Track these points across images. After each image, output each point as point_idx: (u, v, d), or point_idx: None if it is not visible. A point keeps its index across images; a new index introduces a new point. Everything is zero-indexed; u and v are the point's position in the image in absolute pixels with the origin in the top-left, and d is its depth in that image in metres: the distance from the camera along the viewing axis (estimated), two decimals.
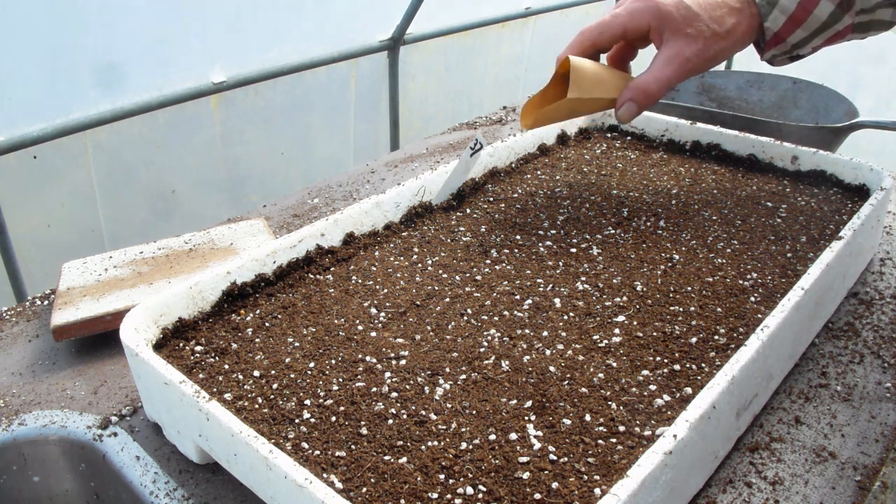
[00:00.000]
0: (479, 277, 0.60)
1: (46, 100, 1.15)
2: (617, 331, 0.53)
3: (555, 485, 0.40)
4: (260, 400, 0.48)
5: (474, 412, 0.46)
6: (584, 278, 0.60)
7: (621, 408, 0.46)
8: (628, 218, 0.70)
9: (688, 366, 0.49)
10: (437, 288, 0.59)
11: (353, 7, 1.56)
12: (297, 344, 0.53)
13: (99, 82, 1.19)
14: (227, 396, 0.48)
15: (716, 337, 0.52)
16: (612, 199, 0.74)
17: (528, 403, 0.46)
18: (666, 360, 0.50)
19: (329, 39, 1.52)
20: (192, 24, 1.29)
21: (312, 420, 0.46)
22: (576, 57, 0.64)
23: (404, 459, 0.42)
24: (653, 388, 0.47)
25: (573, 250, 0.64)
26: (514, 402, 0.46)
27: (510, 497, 0.39)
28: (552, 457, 0.42)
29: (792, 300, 0.50)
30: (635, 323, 0.54)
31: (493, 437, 0.44)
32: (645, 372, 0.49)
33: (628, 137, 0.90)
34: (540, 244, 0.65)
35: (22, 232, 1.17)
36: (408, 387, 0.48)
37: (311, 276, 0.61)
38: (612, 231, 0.67)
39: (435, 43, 1.76)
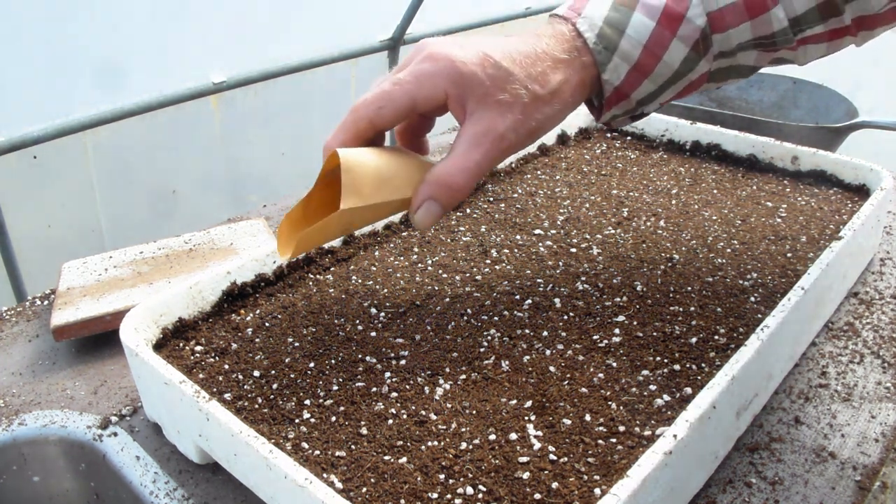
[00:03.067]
0: (479, 277, 0.60)
1: (46, 100, 1.15)
2: (617, 331, 0.53)
3: (555, 485, 0.40)
4: (260, 400, 0.48)
5: (474, 412, 0.46)
6: (584, 278, 0.60)
7: (621, 408, 0.46)
8: (628, 218, 0.70)
9: (688, 366, 0.49)
10: (437, 288, 0.59)
11: (353, 7, 1.56)
12: (297, 344, 0.53)
13: (99, 82, 1.19)
14: (227, 396, 0.48)
15: (716, 337, 0.52)
16: (612, 199, 0.74)
17: (528, 403, 0.46)
18: (666, 360, 0.50)
19: (329, 39, 1.52)
20: (192, 24, 1.29)
21: (312, 420, 0.46)
22: (347, 150, 0.46)
23: (404, 459, 0.42)
24: (653, 388, 0.47)
25: (573, 250, 0.64)
26: (514, 402, 0.46)
27: (510, 497, 0.39)
28: (552, 457, 0.42)
29: (792, 300, 0.50)
30: (635, 323, 0.54)
31: (493, 437, 0.44)
32: (645, 372, 0.49)
33: (628, 137, 0.90)
34: (540, 244, 0.65)
35: (22, 232, 1.17)
36: (408, 387, 0.48)
37: (311, 276, 0.61)
38: (612, 231, 0.67)
39: None
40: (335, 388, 0.48)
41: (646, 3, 0.48)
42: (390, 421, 0.45)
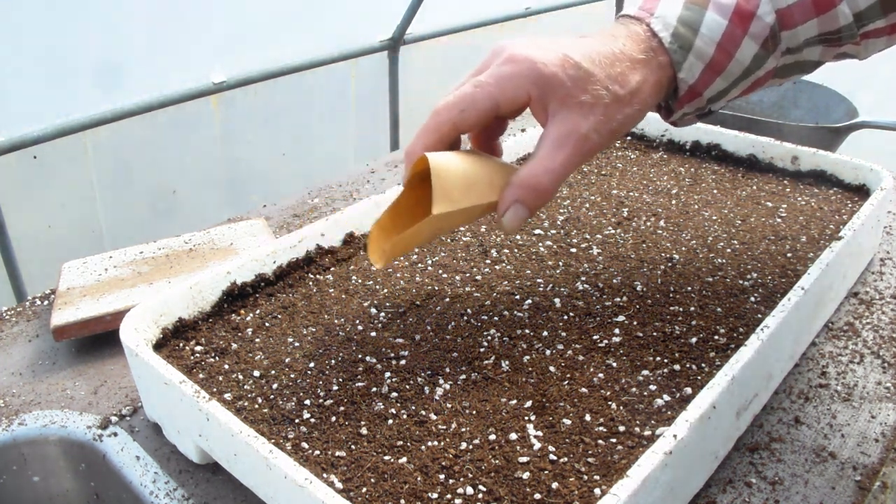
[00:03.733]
0: (479, 277, 0.60)
1: (46, 100, 1.15)
2: (617, 331, 0.53)
3: (555, 485, 0.40)
4: (260, 400, 0.48)
5: (474, 412, 0.46)
6: (584, 278, 0.60)
7: (621, 408, 0.46)
8: (628, 218, 0.70)
9: (688, 366, 0.49)
10: (437, 288, 0.59)
11: (353, 7, 1.56)
12: (297, 344, 0.53)
13: (99, 82, 1.19)
14: (227, 396, 0.48)
15: (716, 337, 0.52)
16: (612, 199, 0.74)
17: (528, 403, 0.46)
18: (666, 360, 0.50)
19: (329, 39, 1.52)
20: (192, 24, 1.29)
21: (312, 420, 0.46)
22: (435, 153, 0.46)
23: (404, 459, 0.42)
24: (653, 388, 0.47)
25: (573, 250, 0.64)
26: (514, 402, 0.46)
27: (510, 497, 0.39)
28: (552, 457, 0.42)
29: (792, 300, 0.50)
30: (635, 323, 0.54)
31: (493, 437, 0.44)
32: (645, 372, 0.49)
33: (628, 137, 0.90)
34: (540, 244, 0.65)
35: (22, 232, 1.17)
36: (408, 387, 0.48)
37: (311, 276, 0.61)
38: (612, 231, 0.67)
39: (435, 43, 1.76)
40: (335, 388, 0.48)
41: (717, 1, 0.48)
42: (390, 421, 0.45)
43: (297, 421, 0.46)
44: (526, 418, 0.45)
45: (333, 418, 0.46)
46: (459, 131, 0.48)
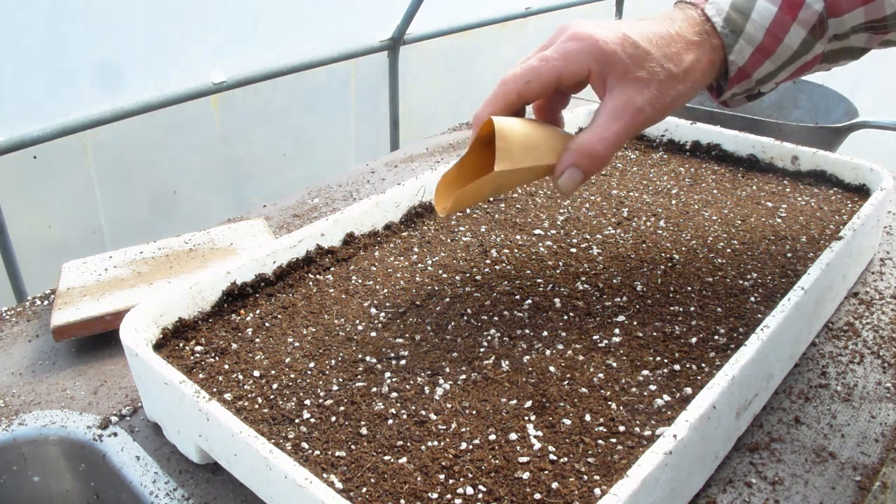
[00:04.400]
0: (479, 277, 0.60)
1: (46, 100, 1.15)
2: (617, 331, 0.53)
3: (555, 485, 0.40)
4: (260, 400, 0.48)
5: (474, 412, 0.46)
6: (584, 278, 0.60)
7: (621, 408, 0.46)
8: (628, 218, 0.70)
9: (688, 366, 0.49)
10: (437, 288, 0.59)
11: (353, 7, 1.56)
12: (297, 344, 0.53)
13: (99, 82, 1.19)
14: (227, 396, 0.48)
15: (716, 337, 0.52)
16: (612, 199, 0.74)
17: (528, 403, 0.46)
18: (666, 360, 0.50)
19: (329, 39, 1.52)
20: (192, 24, 1.29)
21: (312, 420, 0.46)
22: (500, 118, 0.50)
23: (404, 459, 0.42)
24: (653, 388, 0.47)
25: (573, 250, 0.64)
26: (514, 402, 0.46)
27: (510, 497, 0.39)
28: (552, 457, 0.42)
29: (792, 300, 0.50)
30: (635, 323, 0.54)
31: (493, 437, 0.44)
32: (645, 372, 0.49)
33: None
34: (540, 244, 0.65)
35: (22, 232, 1.17)
36: (408, 387, 0.48)
37: (311, 276, 0.61)
38: (612, 231, 0.67)
39: (435, 43, 1.76)
40: (335, 388, 0.48)
41: None
42: (390, 421, 0.45)
43: (297, 421, 0.46)
44: (526, 418, 0.45)
45: (333, 418, 0.46)
46: (524, 100, 0.52)
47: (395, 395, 0.47)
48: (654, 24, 0.52)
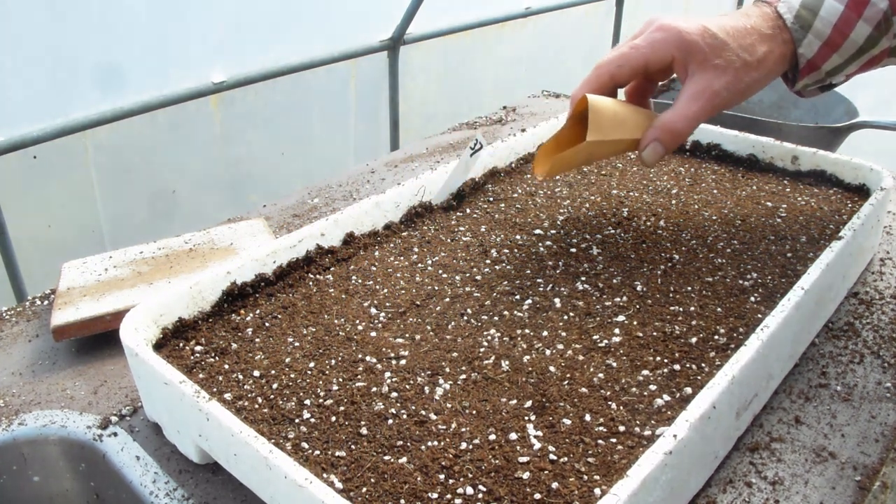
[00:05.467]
0: (479, 277, 0.60)
1: (46, 100, 1.15)
2: (617, 331, 0.53)
3: (555, 485, 0.40)
4: (260, 400, 0.48)
5: (474, 412, 0.46)
6: (584, 278, 0.60)
7: (621, 408, 0.46)
8: (628, 218, 0.70)
9: (688, 366, 0.49)
10: (437, 288, 0.59)
11: (353, 7, 1.56)
12: (297, 344, 0.53)
13: (99, 82, 1.19)
14: (227, 396, 0.48)
15: (716, 337, 0.52)
16: (612, 199, 0.74)
17: (528, 403, 0.46)
18: (666, 360, 0.50)
19: (329, 39, 1.52)
20: (192, 24, 1.29)
21: (312, 420, 0.46)
22: (593, 95, 0.58)
23: (404, 459, 0.42)
24: (653, 388, 0.47)
25: (573, 250, 0.64)
26: (514, 402, 0.46)
27: (510, 497, 0.39)
28: (552, 457, 0.42)
29: (792, 300, 0.50)
30: (635, 323, 0.54)
31: (493, 437, 0.44)
32: (645, 372, 0.49)
33: None
34: (540, 244, 0.65)
35: (22, 232, 1.17)
36: (408, 387, 0.48)
37: (311, 276, 0.61)
38: (612, 231, 0.67)
39: (435, 43, 1.76)
40: (335, 388, 0.48)
41: None
42: (390, 421, 0.45)
43: (297, 421, 0.46)
44: (526, 418, 0.45)
45: (333, 418, 0.46)
46: (616, 83, 0.60)
47: (395, 395, 0.47)
48: (732, 19, 0.58)
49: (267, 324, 0.55)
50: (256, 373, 0.50)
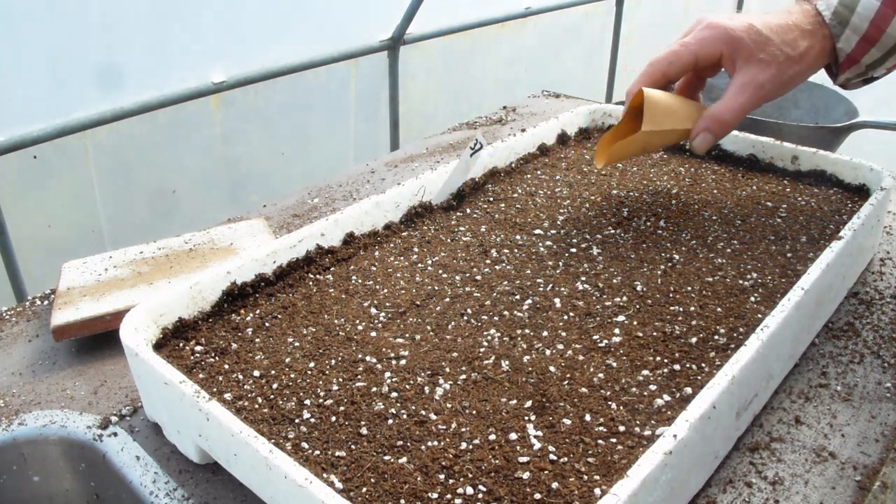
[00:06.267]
0: (479, 277, 0.60)
1: (46, 100, 1.15)
2: (617, 331, 0.53)
3: (555, 485, 0.40)
4: (260, 400, 0.48)
5: (474, 412, 0.46)
6: (584, 278, 0.60)
7: (621, 408, 0.46)
8: (628, 218, 0.70)
9: (688, 366, 0.49)
10: (437, 288, 0.59)
11: (353, 7, 1.56)
12: (297, 344, 0.53)
13: (99, 82, 1.19)
14: (227, 396, 0.48)
15: (716, 337, 0.52)
16: (612, 199, 0.74)
17: (528, 403, 0.46)
18: (666, 360, 0.50)
19: (329, 39, 1.52)
20: (192, 24, 1.28)
21: (312, 420, 0.46)
22: (648, 89, 0.63)
23: (404, 459, 0.42)
24: (653, 388, 0.47)
25: (573, 250, 0.64)
26: (514, 402, 0.46)
27: (510, 497, 0.39)
28: (552, 457, 0.42)
29: (792, 300, 0.50)
30: (635, 323, 0.54)
31: (493, 437, 0.44)
32: (645, 372, 0.49)
33: None
34: (540, 244, 0.65)
35: (22, 232, 1.17)
36: (408, 387, 0.48)
37: (311, 276, 0.61)
38: (612, 231, 0.67)
39: (435, 43, 1.76)
40: (335, 388, 0.48)
41: None
42: (390, 421, 0.45)
43: (297, 421, 0.46)
44: (526, 418, 0.45)
45: (333, 418, 0.46)
46: (667, 78, 0.65)
47: (395, 395, 0.47)
48: (775, 17, 0.62)
49: (267, 324, 0.55)
50: (256, 373, 0.50)
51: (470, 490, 0.40)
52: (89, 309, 0.63)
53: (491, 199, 0.74)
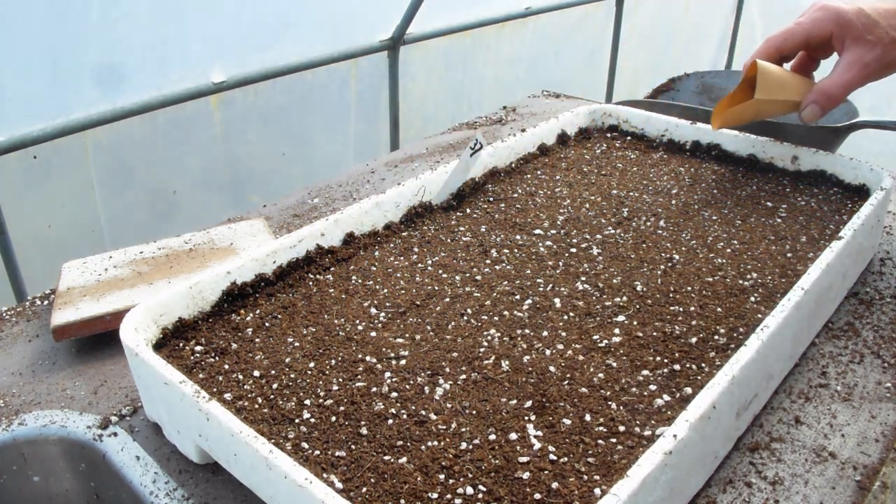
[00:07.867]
0: (479, 277, 0.60)
1: (46, 100, 1.15)
2: (617, 331, 0.53)
3: (555, 485, 0.40)
4: (260, 400, 0.48)
5: (474, 412, 0.46)
6: (584, 278, 0.60)
7: (621, 408, 0.46)
8: (628, 218, 0.70)
9: (688, 366, 0.49)
10: (437, 288, 0.59)
11: (353, 7, 1.56)
12: (297, 344, 0.53)
13: (99, 82, 1.19)
14: (227, 396, 0.48)
15: (716, 337, 0.52)
16: (612, 199, 0.74)
17: (528, 403, 0.46)
18: (666, 360, 0.50)
19: (329, 39, 1.52)
20: (192, 24, 1.28)
21: (312, 420, 0.46)
22: (763, 61, 0.69)
23: (404, 459, 0.42)
24: (653, 388, 0.47)
25: (573, 250, 0.64)
26: (514, 402, 0.46)
27: (510, 497, 0.39)
28: (552, 457, 0.42)
29: (792, 300, 0.50)
30: (635, 323, 0.54)
31: (493, 437, 0.44)
32: (645, 372, 0.49)
33: (628, 137, 0.90)
34: (540, 244, 0.65)
35: (22, 232, 1.17)
36: (408, 387, 0.48)
37: (311, 276, 0.61)
38: (612, 231, 0.67)
39: (435, 43, 1.76)
40: (335, 388, 0.48)
41: None
42: (390, 421, 0.45)
43: (297, 421, 0.46)
44: (526, 418, 0.45)
45: (333, 418, 0.46)
46: (781, 54, 0.71)
47: (395, 395, 0.47)
48: (881, 3, 0.67)
49: (267, 324, 0.55)
50: (256, 373, 0.50)
51: (470, 490, 0.40)
52: (89, 309, 0.63)
53: (491, 199, 0.74)
